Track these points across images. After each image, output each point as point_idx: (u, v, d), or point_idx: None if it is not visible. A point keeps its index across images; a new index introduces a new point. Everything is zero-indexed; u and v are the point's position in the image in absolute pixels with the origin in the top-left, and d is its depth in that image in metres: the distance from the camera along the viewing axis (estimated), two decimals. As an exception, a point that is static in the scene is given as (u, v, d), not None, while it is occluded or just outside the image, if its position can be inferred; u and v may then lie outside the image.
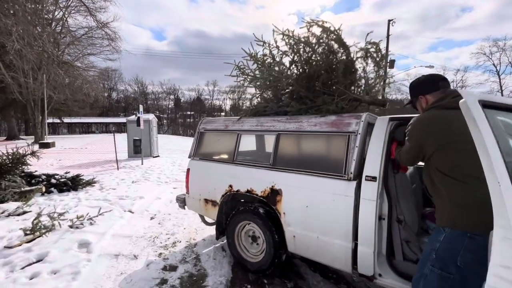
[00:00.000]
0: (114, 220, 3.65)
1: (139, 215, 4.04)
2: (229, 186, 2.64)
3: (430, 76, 1.53)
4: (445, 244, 1.27)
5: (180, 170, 8.39)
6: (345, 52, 2.52)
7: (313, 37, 2.64)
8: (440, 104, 1.37)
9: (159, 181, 6.62)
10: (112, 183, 6.16)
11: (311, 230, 2.10)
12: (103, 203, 4.43)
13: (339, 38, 2.53)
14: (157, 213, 4.17)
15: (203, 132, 3.12)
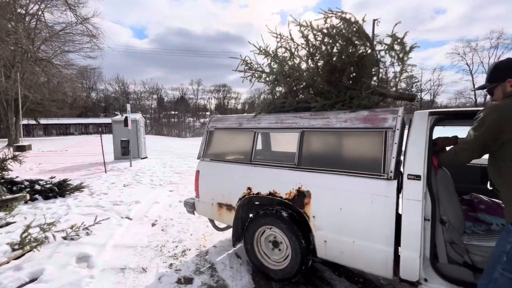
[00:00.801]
0: (113, 229, 3.34)
1: (139, 221, 3.74)
2: (247, 189, 2.44)
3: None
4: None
5: (172, 171, 8.04)
6: (369, 45, 2.39)
7: (332, 28, 2.49)
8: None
9: (152, 184, 6.27)
10: (102, 187, 5.76)
11: (346, 234, 1.95)
12: (96, 210, 4.07)
13: (361, 30, 2.40)
14: (158, 218, 3.89)
15: (213, 131, 2.89)
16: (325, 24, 2.54)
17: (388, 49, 2.39)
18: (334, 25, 2.49)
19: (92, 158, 10.76)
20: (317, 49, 2.61)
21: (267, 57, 2.92)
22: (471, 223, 2.08)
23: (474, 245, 1.77)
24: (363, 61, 2.40)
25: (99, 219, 3.37)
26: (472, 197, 2.22)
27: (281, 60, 2.77)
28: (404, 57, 2.36)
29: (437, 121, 1.82)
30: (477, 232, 2.01)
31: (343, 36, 2.41)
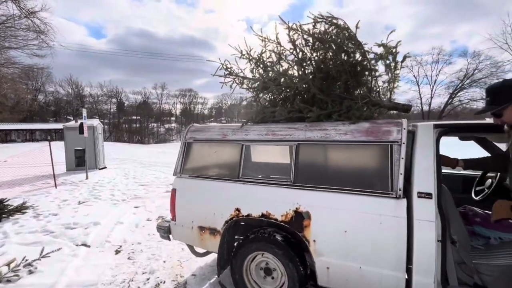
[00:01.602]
0: (65, 261, 2.75)
1: (99, 249, 3.17)
2: (235, 210, 2.14)
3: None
4: None
5: (137, 183, 7.31)
6: (362, 53, 2.28)
7: (324, 34, 2.34)
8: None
9: (114, 199, 5.57)
10: (52, 206, 4.92)
11: (351, 259, 1.75)
12: (43, 237, 3.38)
13: (354, 37, 2.28)
14: (123, 243, 3.35)
15: (192, 143, 2.54)
16: (315, 29, 2.39)
17: (379, 58, 2.30)
18: (326, 31, 2.34)
19: (39, 169, 9.38)
20: (306, 55, 2.44)
21: (251, 62, 2.68)
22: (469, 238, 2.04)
23: (483, 264, 1.69)
24: (356, 69, 2.28)
25: (47, 251, 2.76)
26: (467, 210, 2.20)
27: (268, 65, 2.55)
28: (397, 66, 2.30)
29: (442, 134, 1.73)
30: (476, 247, 1.96)
31: (336, 43, 2.27)
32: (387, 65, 2.31)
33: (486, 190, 2.46)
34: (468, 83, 32.85)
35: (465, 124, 1.74)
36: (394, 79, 2.35)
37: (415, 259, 1.59)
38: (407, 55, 2.34)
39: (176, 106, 67.82)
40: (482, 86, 31.87)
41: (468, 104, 34.82)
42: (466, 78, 32.47)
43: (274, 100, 2.54)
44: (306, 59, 2.41)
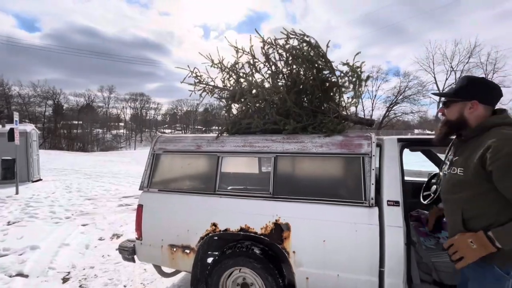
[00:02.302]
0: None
1: (41, 278, 2.70)
2: (212, 225, 2.04)
3: (492, 87, 1.24)
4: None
5: (82, 197, 6.51)
6: (331, 70, 2.44)
7: (297, 50, 2.45)
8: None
9: (55, 217, 4.84)
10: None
11: (330, 268, 1.81)
12: (-38, 270, 2.75)
13: (325, 55, 2.44)
14: (72, 269, 2.91)
15: (161, 155, 2.37)
16: (287, 45, 2.49)
17: (345, 76, 2.49)
18: (298, 47, 2.45)
19: None
20: (279, 69, 2.52)
21: (223, 72, 2.66)
22: (423, 238, 2.29)
23: (437, 261, 1.91)
24: (325, 85, 2.43)
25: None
26: (419, 213, 2.48)
27: (241, 76, 2.55)
28: (361, 84, 2.52)
29: (404, 147, 1.94)
30: (429, 247, 2.22)
31: (308, 59, 2.39)
32: (353, 83, 2.51)
33: (432, 195, 2.82)
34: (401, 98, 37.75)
35: (422, 138, 1.98)
36: (358, 95, 2.57)
37: (386, 263, 1.72)
38: (370, 75, 2.60)
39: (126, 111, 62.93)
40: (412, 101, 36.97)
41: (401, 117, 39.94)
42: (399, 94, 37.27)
43: (247, 111, 2.54)
44: (279, 72, 2.48)
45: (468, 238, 1.12)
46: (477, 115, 1.22)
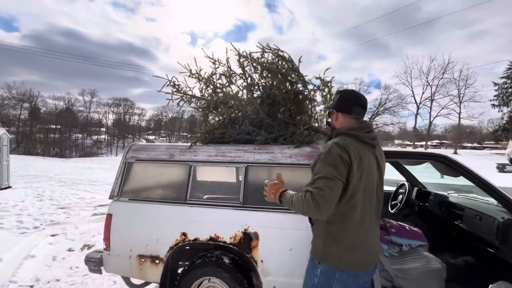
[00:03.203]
0: None
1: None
2: (181, 235, 2.04)
3: (354, 95, 1.40)
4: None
5: (54, 206, 6.22)
6: (303, 83, 2.55)
7: (271, 63, 2.55)
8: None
9: (22, 227, 4.60)
10: None
11: (296, 276, 1.84)
12: None
13: (297, 68, 2.55)
14: (35, 282, 2.77)
15: (133, 163, 2.35)
16: (263, 58, 2.58)
17: (317, 89, 2.61)
18: (272, 61, 2.55)
19: None
20: (254, 81, 2.60)
21: (200, 81, 2.71)
22: (387, 246, 2.40)
23: (396, 269, 2.01)
24: (298, 98, 2.53)
25: None
26: (385, 222, 2.59)
27: (218, 86, 2.61)
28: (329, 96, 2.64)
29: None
30: (392, 254, 2.32)
31: (281, 72, 2.49)
32: (324, 96, 2.63)
33: (399, 204, 2.96)
34: (382, 110, 39.26)
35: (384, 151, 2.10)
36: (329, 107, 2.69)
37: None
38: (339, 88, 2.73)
39: (108, 116, 61.18)
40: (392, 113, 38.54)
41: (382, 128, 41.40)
42: (380, 106, 38.76)
43: (223, 121, 2.59)
44: (254, 84, 2.56)
45: (274, 188, 1.41)
46: (338, 123, 1.39)
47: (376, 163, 1.32)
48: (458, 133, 39.40)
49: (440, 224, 2.70)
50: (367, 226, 1.28)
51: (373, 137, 1.32)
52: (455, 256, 2.48)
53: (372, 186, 1.29)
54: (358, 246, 1.26)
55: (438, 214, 2.70)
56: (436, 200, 2.74)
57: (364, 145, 1.28)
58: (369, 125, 1.36)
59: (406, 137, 49.57)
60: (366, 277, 1.32)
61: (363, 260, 1.27)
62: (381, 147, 1.43)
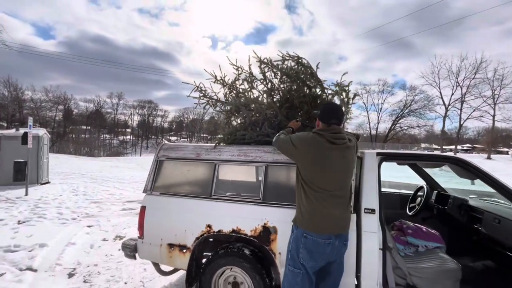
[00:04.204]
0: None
1: (49, 273, 2.91)
2: (207, 227, 2.25)
3: (333, 110, 1.85)
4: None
5: (88, 200, 6.76)
6: (321, 88, 2.68)
7: (290, 69, 2.70)
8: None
9: (62, 218, 5.08)
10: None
11: (311, 269, 1.98)
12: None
13: (315, 74, 2.68)
14: (77, 266, 3.12)
15: (164, 161, 2.60)
16: (283, 65, 2.74)
17: (335, 94, 2.72)
18: (292, 67, 2.70)
19: (-38, 184, 8.04)
20: (274, 86, 2.76)
21: (224, 87, 2.91)
22: (403, 246, 2.45)
23: (413, 267, 2.07)
24: (316, 101, 2.66)
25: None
26: (402, 223, 2.64)
27: (241, 91, 2.80)
28: (349, 102, 2.74)
29: (382, 160, 2.13)
30: (408, 254, 2.37)
31: (300, 78, 2.63)
32: (342, 100, 2.74)
33: (417, 207, 2.98)
34: (407, 112, 37.66)
35: (399, 153, 2.18)
36: (347, 111, 2.79)
37: (363, 265, 1.89)
38: (356, 93, 2.83)
39: (133, 117, 64.14)
40: (418, 115, 36.89)
41: (407, 130, 39.73)
42: (405, 108, 37.24)
43: (244, 123, 2.78)
44: (274, 89, 2.73)
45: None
46: (317, 127, 1.89)
47: (340, 157, 1.73)
48: (492, 137, 36.69)
49: (459, 227, 2.69)
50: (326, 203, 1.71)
51: (336, 138, 1.73)
52: (474, 259, 2.47)
53: (332, 173, 1.71)
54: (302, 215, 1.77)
55: (457, 217, 2.69)
56: (455, 203, 2.73)
57: (328, 143, 1.72)
58: (336, 129, 1.78)
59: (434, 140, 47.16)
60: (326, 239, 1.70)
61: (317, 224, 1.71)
62: (350, 147, 1.80)
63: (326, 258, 1.71)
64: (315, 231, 1.68)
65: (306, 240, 1.69)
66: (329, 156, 1.72)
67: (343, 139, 1.77)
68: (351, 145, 1.81)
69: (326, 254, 1.69)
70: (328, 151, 1.72)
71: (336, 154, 1.73)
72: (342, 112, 1.87)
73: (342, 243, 1.75)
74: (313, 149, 1.72)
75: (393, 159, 2.23)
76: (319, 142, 1.72)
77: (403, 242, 2.47)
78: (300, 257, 1.69)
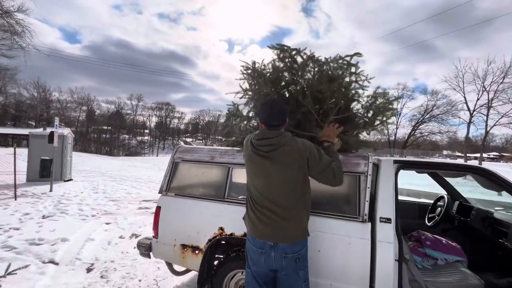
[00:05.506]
0: (33, 280, 2.63)
1: (69, 267, 3.05)
2: (219, 229, 2.27)
3: (260, 110, 1.77)
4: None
5: (107, 198, 7.02)
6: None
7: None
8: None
9: (82, 214, 5.31)
10: (12, 220, 4.58)
11: (323, 276, 1.95)
12: (6, 253, 3.17)
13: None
14: (95, 261, 3.24)
15: (179, 163, 2.67)
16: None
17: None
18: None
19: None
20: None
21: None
22: (421, 258, 2.35)
23: (429, 281, 1.98)
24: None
25: (14, 267, 2.61)
26: (419, 234, 2.54)
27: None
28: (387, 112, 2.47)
29: (400, 168, 2.07)
30: (426, 267, 2.28)
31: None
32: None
33: (436, 217, 2.86)
34: (428, 117, 36.23)
35: (417, 161, 2.11)
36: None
37: (377, 275, 1.84)
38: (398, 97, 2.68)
39: (151, 118, 66.12)
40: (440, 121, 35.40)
41: (428, 136, 38.23)
42: (426, 113, 35.85)
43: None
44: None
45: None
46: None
47: (269, 163, 1.59)
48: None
49: (483, 241, 2.55)
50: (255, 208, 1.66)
51: (260, 144, 1.62)
52: (498, 276, 2.33)
53: (261, 179, 1.63)
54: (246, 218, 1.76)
55: (480, 230, 2.55)
56: (479, 215, 2.60)
57: (252, 147, 1.64)
58: (261, 134, 1.65)
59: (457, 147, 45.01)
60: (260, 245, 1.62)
61: (252, 229, 1.67)
62: (280, 153, 1.58)
63: (266, 266, 1.61)
64: (250, 235, 1.69)
65: (247, 245, 1.71)
66: (255, 161, 1.63)
67: (270, 145, 1.57)
68: (285, 150, 1.55)
69: (262, 262, 1.62)
70: (254, 156, 1.63)
71: (261, 160, 1.59)
72: (275, 113, 1.62)
73: (280, 255, 1.56)
74: (245, 152, 1.73)
75: (411, 167, 2.16)
76: (247, 146, 1.70)
77: (421, 254, 2.38)
78: (247, 259, 1.72)
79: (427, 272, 2.15)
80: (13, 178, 6.34)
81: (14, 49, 14.29)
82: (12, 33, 12.05)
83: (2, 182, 7.99)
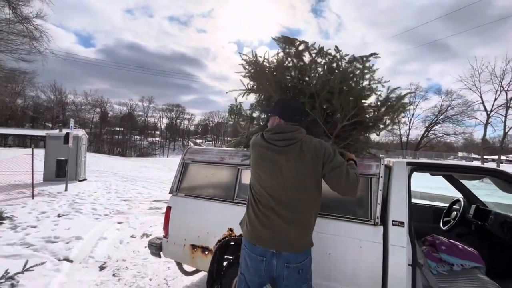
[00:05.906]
0: (48, 276, 2.71)
1: (83, 264, 3.13)
2: (228, 230, 2.28)
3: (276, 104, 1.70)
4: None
5: (119, 198, 7.17)
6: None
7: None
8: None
9: (96, 213, 5.44)
10: (29, 218, 4.74)
11: (334, 280, 1.92)
12: (23, 250, 3.29)
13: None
14: (107, 259, 3.31)
15: (189, 164, 2.69)
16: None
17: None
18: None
19: (12, 178, 8.93)
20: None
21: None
22: (435, 264, 2.28)
23: (445, 287, 1.92)
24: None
25: (31, 264, 2.70)
26: (434, 238, 2.47)
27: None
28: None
29: (413, 170, 2.02)
30: (441, 273, 2.21)
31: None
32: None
33: (452, 221, 2.77)
34: (442, 118, 35.17)
35: (431, 163, 2.05)
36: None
37: (390, 280, 1.79)
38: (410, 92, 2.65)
39: (162, 120, 67.22)
40: (455, 122, 34.31)
41: (442, 138, 37.11)
42: (440, 113, 34.83)
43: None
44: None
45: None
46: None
47: (283, 160, 1.51)
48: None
49: (502, 246, 2.45)
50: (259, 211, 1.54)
51: (275, 139, 1.55)
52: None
53: (271, 178, 1.51)
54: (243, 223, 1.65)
55: (499, 235, 2.45)
56: (497, 219, 2.50)
57: (265, 142, 1.57)
58: (278, 128, 1.59)
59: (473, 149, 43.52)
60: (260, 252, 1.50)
61: (252, 234, 1.54)
62: (298, 151, 1.52)
63: (265, 275, 1.50)
64: (248, 241, 1.56)
65: (244, 251, 1.58)
66: (266, 157, 1.53)
67: (287, 140, 1.51)
68: (302, 146, 1.49)
69: (261, 270, 1.49)
70: (266, 152, 1.53)
71: (274, 155, 1.51)
72: (296, 108, 1.63)
73: (283, 264, 1.46)
74: (253, 150, 1.61)
75: (425, 169, 2.10)
76: (256, 143, 1.60)
77: (436, 259, 2.30)
78: (241, 266, 1.61)
79: (442, 278, 2.08)
80: (31, 177, 6.57)
81: (33, 53, 14.82)
82: (31, 38, 12.53)
83: (20, 181, 8.28)
